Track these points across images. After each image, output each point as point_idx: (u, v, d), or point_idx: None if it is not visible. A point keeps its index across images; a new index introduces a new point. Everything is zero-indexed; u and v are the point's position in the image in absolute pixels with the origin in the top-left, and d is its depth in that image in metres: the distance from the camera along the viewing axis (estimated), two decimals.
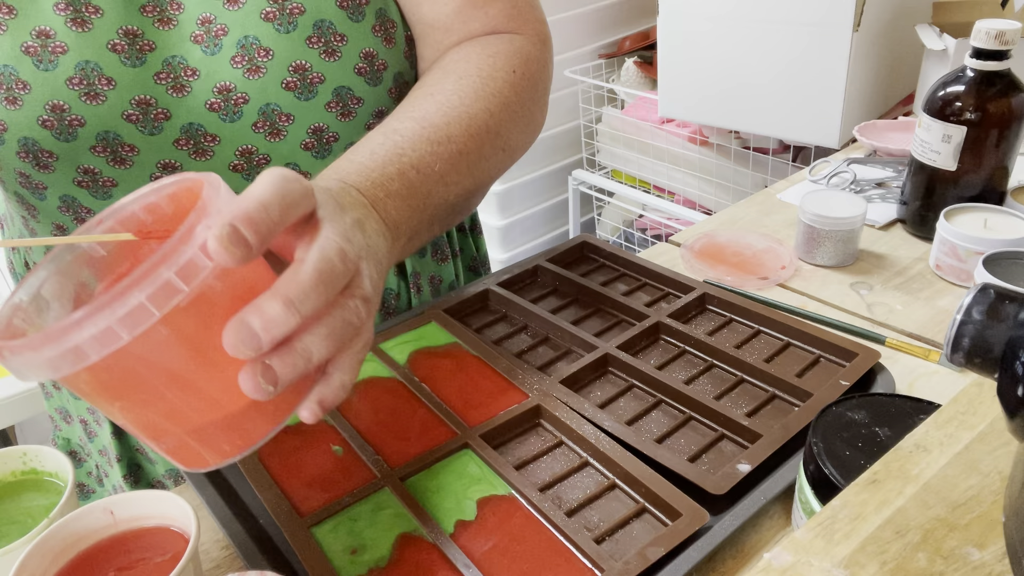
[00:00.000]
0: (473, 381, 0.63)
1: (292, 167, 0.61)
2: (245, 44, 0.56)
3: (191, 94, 0.56)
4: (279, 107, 0.57)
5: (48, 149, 0.55)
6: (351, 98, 0.60)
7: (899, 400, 0.50)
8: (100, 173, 0.57)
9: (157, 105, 0.55)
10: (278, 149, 0.59)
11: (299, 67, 0.57)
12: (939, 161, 0.79)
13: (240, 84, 0.56)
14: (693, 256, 0.83)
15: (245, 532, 0.51)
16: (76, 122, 0.54)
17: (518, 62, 0.60)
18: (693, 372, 0.64)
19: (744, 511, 0.49)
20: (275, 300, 0.34)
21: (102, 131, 0.55)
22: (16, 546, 0.45)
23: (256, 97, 0.57)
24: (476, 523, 0.50)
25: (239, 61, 0.56)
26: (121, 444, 0.72)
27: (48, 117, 0.54)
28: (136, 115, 0.55)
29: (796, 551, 0.33)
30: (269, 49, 0.56)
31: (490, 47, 0.60)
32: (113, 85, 0.54)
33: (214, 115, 0.56)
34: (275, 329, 0.34)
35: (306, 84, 0.57)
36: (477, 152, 0.56)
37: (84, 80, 0.54)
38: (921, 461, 0.37)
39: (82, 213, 0.60)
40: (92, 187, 0.57)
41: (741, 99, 1.42)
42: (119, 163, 0.56)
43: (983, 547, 0.32)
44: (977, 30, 0.75)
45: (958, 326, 0.29)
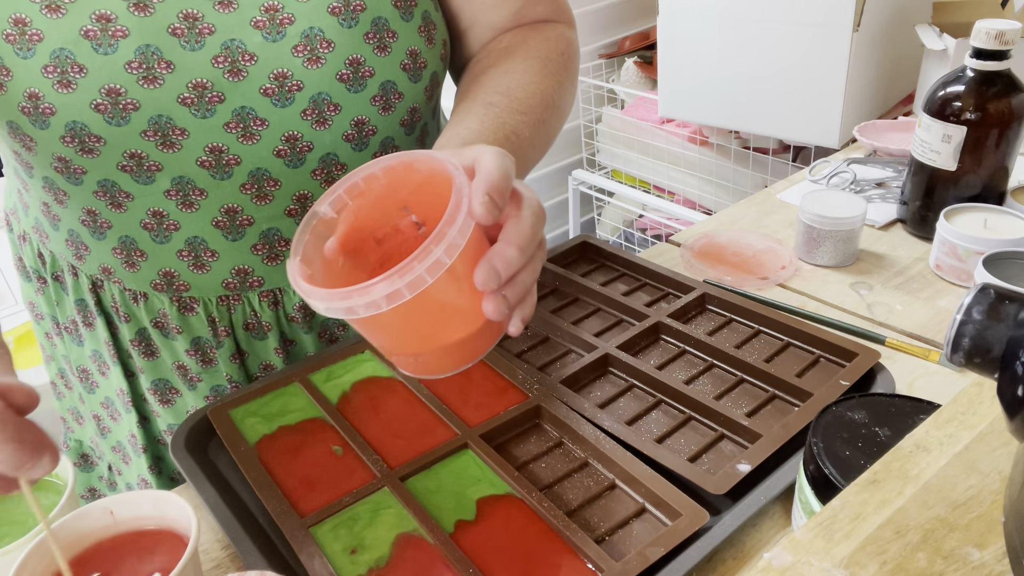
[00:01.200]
0: (473, 381, 0.63)
1: (332, 157, 0.62)
2: (309, 35, 0.57)
3: (247, 79, 0.57)
4: (329, 97, 0.59)
5: (97, 133, 0.55)
6: (394, 93, 0.62)
7: (899, 400, 0.50)
8: (147, 157, 0.57)
9: (212, 88, 0.56)
10: (321, 138, 0.60)
11: (354, 60, 0.59)
12: (939, 161, 0.79)
13: (297, 72, 0.57)
14: (693, 256, 0.83)
15: (245, 532, 0.51)
16: (130, 106, 0.54)
17: (564, 45, 0.69)
18: (693, 372, 0.64)
19: (744, 511, 0.49)
20: (511, 246, 0.43)
21: (155, 115, 0.55)
22: (16, 546, 0.45)
23: (310, 85, 0.58)
24: (476, 523, 0.50)
25: (300, 50, 0.57)
26: (146, 434, 0.72)
27: (102, 101, 0.54)
28: (191, 98, 0.56)
29: (796, 551, 0.33)
30: (331, 41, 0.58)
31: (542, 33, 0.69)
32: (172, 68, 0.55)
33: (266, 100, 0.57)
34: (512, 268, 0.43)
35: (358, 77, 0.59)
36: (547, 122, 0.64)
37: (143, 64, 0.54)
38: (921, 461, 0.37)
39: (120, 198, 0.60)
40: (136, 171, 0.58)
41: (741, 99, 1.42)
42: (168, 147, 0.57)
43: (983, 547, 0.32)
44: (977, 30, 0.75)
45: (958, 326, 0.29)
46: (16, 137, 0.56)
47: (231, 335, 0.67)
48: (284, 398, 0.63)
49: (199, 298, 0.65)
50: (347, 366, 0.66)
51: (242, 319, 0.67)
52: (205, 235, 0.62)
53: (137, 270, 0.64)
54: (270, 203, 0.62)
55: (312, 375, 0.65)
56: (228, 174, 0.59)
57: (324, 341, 0.71)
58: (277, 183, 0.61)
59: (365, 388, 0.63)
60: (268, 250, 0.64)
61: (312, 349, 0.70)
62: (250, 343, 0.68)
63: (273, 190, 0.61)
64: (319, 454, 0.57)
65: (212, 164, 0.58)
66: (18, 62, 0.53)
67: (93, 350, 0.71)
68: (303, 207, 0.63)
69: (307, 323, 0.69)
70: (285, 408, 0.62)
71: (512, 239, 0.43)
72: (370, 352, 0.67)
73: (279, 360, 0.69)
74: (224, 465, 0.59)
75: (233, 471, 0.58)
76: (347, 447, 0.57)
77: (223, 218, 0.61)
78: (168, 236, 0.62)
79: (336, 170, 0.63)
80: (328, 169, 0.62)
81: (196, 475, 0.56)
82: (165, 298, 0.65)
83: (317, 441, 0.58)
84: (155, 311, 0.66)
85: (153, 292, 0.65)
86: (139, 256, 0.63)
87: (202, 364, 0.68)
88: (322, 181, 0.62)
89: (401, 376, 0.64)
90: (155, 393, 0.70)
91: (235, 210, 0.61)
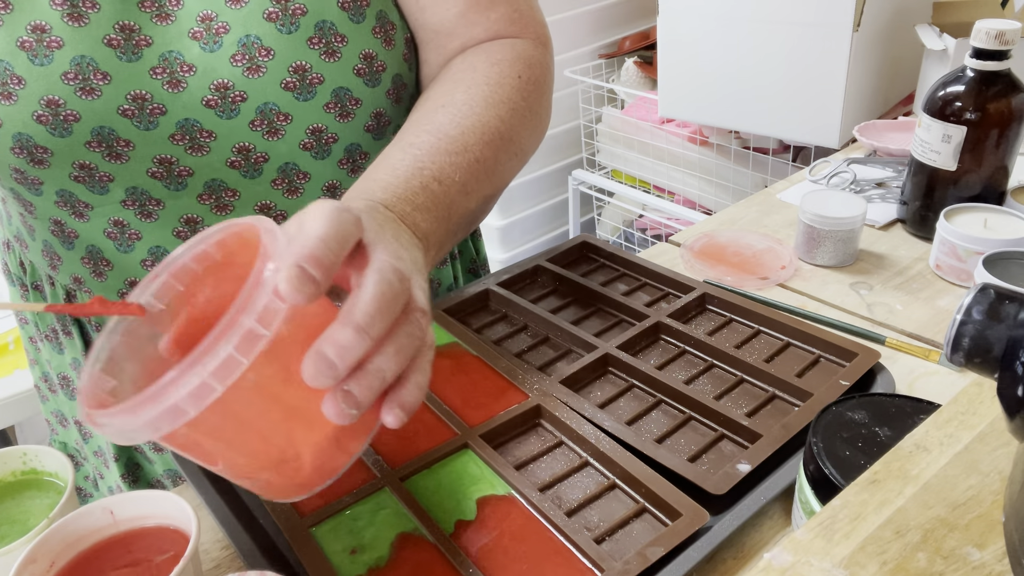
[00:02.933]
0: (473, 381, 0.63)
1: (291, 167, 0.61)
2: (246, 43, 0.56)
3: (187, 90, 0.56)
4: (277, 107, 0.57)
5: (43, 144, 0.54)
6: (349, 99, 0.60)
7: (899, 400, 0.50)
8: (96, 168, 0.56)
9: (152, 100, 0.55)
10: (276, 148, 0.59)
11: (299, 67, 0.57)
12: (939, 161, 0.79)
13: (239, 82, 0.56)
14: (693, 256, 0.83)
15: (245, 532, 0.51)
16: (71, 117, 0.54)
17: (522, 67, 0.61)
18: (693, 372, 0.64)
19: (744, 511, 0.49)
20: (346, 328, 0.35)
21: (97, 126, 0.55)
22: (16, 546, 0.45)
23: (254, 96, 0.57)
24: (476, 523, 0.50)
25: (239, 59, 0.56)
26: (116, 445, 0.72)
27: (43, 112, 0.53)
28: (131, 110, 0.55)
29: (796, 551, 0.33)
30: (270, 49, 0.56)
31: (495, 54, 0.61)
32: (108, 80, 0.54)
33: (210, 112, 0.56)
34: (349, 356, 0.35)
35: (305, 84, 0.57)
36: (493, 159, 0.57)
37: (79, 75, 0.53)
38: (921, 461, 0.37)
39: (80, 207, 0.59)
40: (89, 182, 0.57)
41: (741, 99, 1.42)
42: (115, 158, 0.56)
43: (983, 547, 0.32)
44: (977, 30, 0.75)
45: (958, 326, 0.29)
46: None
47: None
48: None
49: None
50: None
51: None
52: (167, 245, 0.61)
53: (105, 279, 0.64)
54: (231, 213, 0.61)
55: None
56: (182, 185, 0.58)
57: None
58: (235, 193, 0.60)
59: None
60: None
61: None
62: None
63: (232, 200, 0.60)
64: None
65: (163, 175, 0.58)
66: None
67: (72, 358, 0.71)
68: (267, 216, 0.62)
69: None
70: None
71: (348, 318, 0.36)
72: None
73: None
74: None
75: None
76: None
77: (184, 228, 0.61)
78: (131, 245, 0.61)
79: (298, 179, 0.61)
80: (289, 179, 0.61)
81: (196, 475, 0.56)
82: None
83: None
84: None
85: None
86: (105, 265, 0.63)
87: None
88: (283, 191, 0.61)
89: None
90: None
91: (195, 220, 0.60)
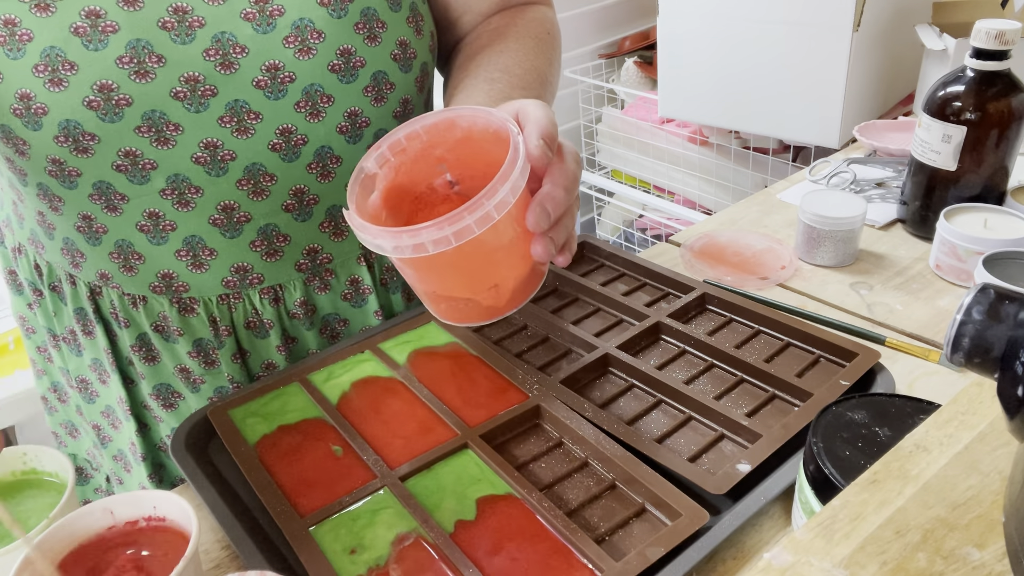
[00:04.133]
0: (473, 381, 0.63)
1: (326, 150, 0.62)
2: (300, 25, 0.57)
3: (239, 71, 0.57)
4: (322, 88, 0.59)
5: (91, 131, 0.55)
6: (385, 83, 0.63)
7: (899, 400, 0.50)
8: (141, 155, 0.57)
9: (205, 82, 0.56)
10: (316, 131, 0.60)
11: (345, 51, 0.59)
12: (939, 161, 0.79)
13: (289, 63, 0.58)
14: (693, 256, 0.83)
15: (245, 532, 0.50)
16: (123, 101, 0.54)
17: (549, 25, 0.73)
18: (693, 372, 0.64)
19: (744, 511, 0.49)
20: (558, 187, 0.47)
21: (148, 110, 0.55)
22: (16, 546, 0.45)
23: (303, 77, 0.58)
24: (476, 523, 0.50)
25: (291, 41, 0.57)
26: (145, 442, 0.71)
27: (95, 97, 0.54)
28: (184, 92, 0.56)
29: (796, 551, 0.33)
30: (322, 32, 0.58)
31: (527, 14, 0.73)
32: (163, 62, 0.55)
33: (259, 92, 0.57)
34: (560, 208, 0.47)
35: (349, 67, 0.60)
36: (543, 98, 0.66)
37: (134, 58, 0.54)
38: (921, 461, 0.37)
39: (115, 200, 0.59)
40: (131, 171, 0.57)
41: (741, 99, 1.42)
42: (162, 143, 0.57)
43: (983, 547, 0.32)
44: (977, 30, 0.75)
45: (958, 326, 0.29)
46: (9, 142, 0.56)
47: (232, 334, 0.67)
48: (284, 398, 0.63)
49: (199, 298, 0.65)
50: (347, 366, 0.66)
51: (243, 318, 0.67)
52: (203, 234, 0.62)
53: (135, 274, 0.63)
54: (267, 199, 0.61)
55: (312, 375, 0.65)
56: (224, 170, 0.59)
57: (326, 337, 0.71)
58: (273, 178, 0.61)
59: (365, 388, 0.63)
60: (267, 246, 0.64)
61: (314, 346, 0.70)
62: (252, 342, 0.68)
63: (269, 185, 0.61)
64: (319, 454, 0.57)
65: (207, 160, 0.58)
66: (8, 63, 0.52)
67: (93, 359, 0.70)
68: (300, 202, 0.63)
69: (309, 319, 0.69)
70: (285, 408, 0.62)
71: (559, 181, 0.47)
72: (370, 352, 0.67)
73: (281, 358, 0.69)
74: (224, 465, 0.59)
75: (233, 471, 0.58)
76: (347, 447, 0.57)
77: (220, 215, 0.61)
78: (165, 237, 0.61)
79: (331, 163, 0.63)
80: (323, 162, 0.62)
81: (196, 475, 0.56)
82: (165, 300, 0.65)
83: (317, 441, 0.58)
84: (155, 314, 0.66)
85: (152, 295, 0.65)
86: (136, 259, 0.63)
87: (205, 366, 0.68)
88: (318, 175, 0.62)
89: (401, 376, 0.64)
90: (157, 398, 0.69)
91: (232, 207, 0.61)
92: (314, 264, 0.67)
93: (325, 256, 0.67)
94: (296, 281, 0.67)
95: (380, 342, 0.68)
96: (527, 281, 0.50)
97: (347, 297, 0.70)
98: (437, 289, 0.50)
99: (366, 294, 0.71)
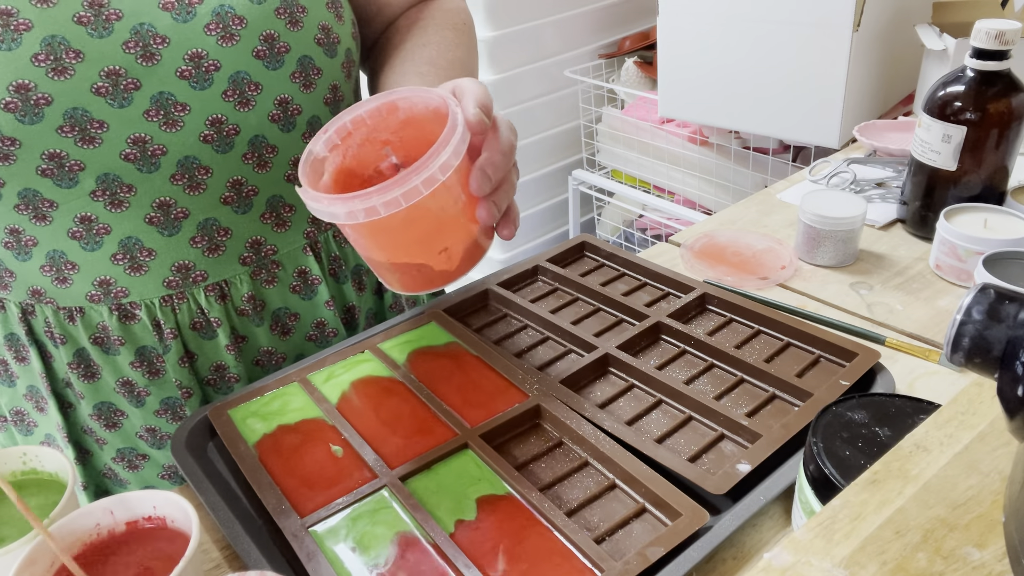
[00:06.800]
0: (473, 381, 0.63)
1: (260, 140, 0.61)
2: (220, 12, 0.57)
3: (161, 62, 0.55)
4: (248, 75, 0.59)
5: (10, 135, 0.53)
6: (312, 68, 0.63)
7: (899, 400, 0.50)
8: (67, 156, 0.55)
9: (127, 75, 0.55)
10: (247, 120, 0.60)
11: (269, 36, 0.59)
12: (939, 161, 0.79)
13: (212, 51, 0.57)
14: (693, 256, 0.83)
15: (245, 532, 0.51)
16: (43, 100, 0.53)
17: (465, 16, 0.77)
18: (693, 372, 0.64)
19: (744, 511, 0.49)
20: (496, 152, 0.51)
21: (70, 108, 0.53)
22: (16, 546, 0.45)
23: (227, 64, 0.58)
24: (476, 523, 0.50)
25: (213, 29, 0.57)
26: (87, 471, 0.69)
27: (11, 99, 0.52)
28: (106, 87, 0.54)
29: (796, 551, 0.33)
30: (243, 18, 0.58)
31: (443, 4, 0.76)
32: (81, 58, 0.53)
33: (184, 82, 0.56)
34: (499, 172, 0.51)
35: (274, 53, 0.60)
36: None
37: (51, 55, 0.52)
38: (921, 461, 0.37)
39: (43, 208, 0.57)
40: (57, 174, 0.55)
41: (741, 99, 1.42)
42: (87, 142, 0.55)
43: (983, 547, 0.32)
44: (977, 30, 0.75)
45: (958, 326, 0.29)
46: None
47: (178, 337, 0.64)
48: (284, 398, 0.63)
49: (140, 302, 0.62)
50: (347, 366, 0.66)
51: (188, 319, 0.64)
52: (139, 234, 0.60)
53: (70, 285, 0.61)
54: (203, 192, 0.60)
55: (312, 375, 0.65)
56: (155, 166, 0.57)
57: (276, 334, 0.69)
58: (208, 171, 0.59)
59: (365, 388, 0.63)
60: (208, 242, 0.62)
61: (265, 343, 0.69)
62: (199, 343, 0.66)
63: (205, 178, 0.60)
64: (319, 454, 0.57)
65: (137, 156, 0.56)
66: None
67: (28, 386, 0.68)
68: (238, 194, 0.62)
69: (258, 315, 0.67)
70: (285, 408, 0.62)
71: (496, 148, 0.51)
72: (370, 352, 0.67)
73: (231, 358, 0.67)
74: (224, 465, 0.59)
75: (233, 471, 0.58)
76: (347, 447, 0.57)
77: (156, 213, 0.59)
78: (99, 242, 0.59)
79: (267, 153, 0.62)
80: (259, 152, 0.61)
81: (196, 475, 0.56)
82: (103, 309, 0.62)
83: (317, 441, 0.58)
84: (93, 326, 0.63)
85: (90, 305, 0.62)
86: (70, 269, 0.60)
87: (149, 376, 0.65)
88: (254, 166, 0.61)
89: (401, 376, 0.64)
90: (99, 419, 0.67)
91: (168, 203, 0.59)
92: (259, 257, 0.66)
93: (269, 248, 0.66)
94: (242, 275, 0.65)
95: (380, 342, 0.68)
96: (475, 246, 0.54)
97: (296, 289, 0.69)
98: (391, 257, 0.52)
99: (315, 285, 0.69)
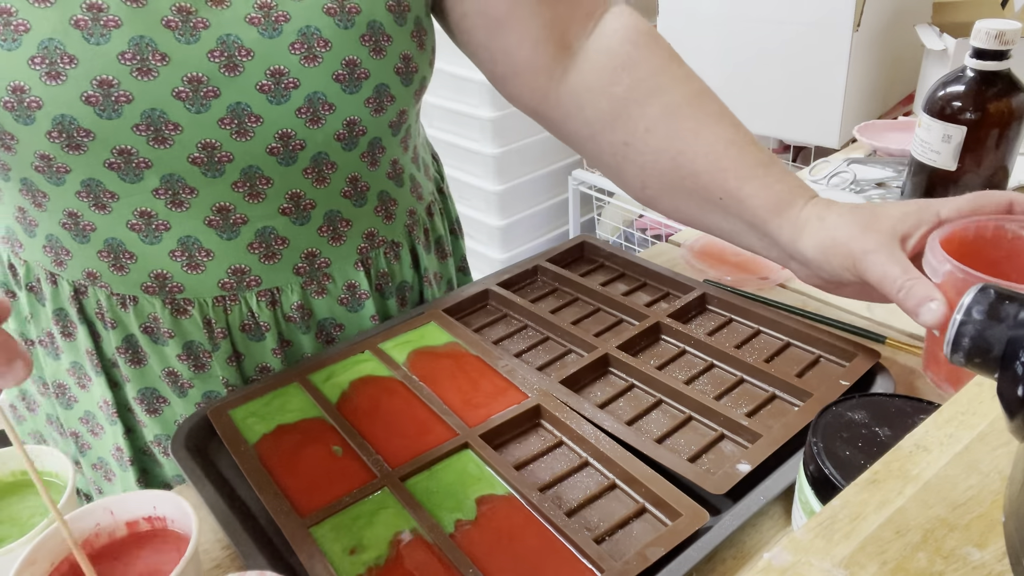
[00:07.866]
0: (473, 381, 0.63)
1: (322, 156, 0.62)
2: (307, 33, 0.57)
3: (243, 74, 0.56)
4: (324, 96, 0.59)
5: (86, 127, 0.54)
6: (387, 95, 0.63)
7: (899, 400, 0.50)
8: (136, 154, 0.56)
9: (208, 83, 0.55)
10: (314, 137, 0.60)
11: (351, 62, 0.59)
12: (939, 161, 0.79)
13: (294, 69, 0.57)
14: (693, 256, 0.83)
15: (245, 532, 0.51)
16: (123, 98, 0.54)
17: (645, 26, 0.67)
18: (693, 372, 0.64)
19: (744, 511, 0.49)
20: None
21: (148, 108, 0.54)
22: (16, 546, 0.45)
23: (306, 84, 0.58)
24: (476, 523, 0.50)
25: (298, 48, 0.57)
26: (132, 446, 0.70)
27: (93, 92, 0.53)
28: (186, 92, 0.55)
29: (796, 551, 0.33)
30: (328, 41, 0.58)
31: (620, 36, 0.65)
32: (167, 61, 0.54)
33: (263, 96, 0.57)
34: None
35: (353, 78, 0.60)
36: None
37: (138, 55, 0.53)
38: (921, 461, 0.37)
39: (104, 198, 0.58)
40: (123, 169, 0.57)
41: (741, 99, 1.42)
42: (159, 143, 0.56)
43: (983, 547, 0.32)
44: (977, 30, 0.75)
45: (958, 326, 0.29)
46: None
47: (228, 337, 0.66)
48: (284, 398, 0.63)
49: (194, 299, 0.64)
50: (347, 366, 0.66)
51: (239, 320, 0.66)
52: (198, 234, 0.61)
53: (126, 273, 0.62)
54: (263, 201, 0.61)
55: (312, 375, 0.65)
56: (220, 172, 0.58)
57: (322, 342, 0.71)
58: (269, 181, 0.60)
59: (365, 388, 0.63)
60: (265, 249, 0.64)
61: (310, 349, 0.70)
62: (247, 345, 0.67)
63: (266, 188, 0.61)
64: (319, 454, 0.57)
65: (204, 161, 0.57)
66: (1, 54, 0.51)
67: (72, 362, 0.69)
68: (296, 206, 0.63)
69: (305, 323, 0.69)
70: (285, 408, 0.62)
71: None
72: (370, 352, 0.67)
73: (276, 361, 0.69)
74: (224, 465, 0.59)
75: (233, 471, 0.58)
76: (347, 447, 0.57)
77: (215, 217, 0.61)
78: (158, 236, 0.61)
79: (327, 169, 0.62)
80: (319, 168, 0.62)
81: (196, 475, 0.56)
82: (157, 301, 0.64)
83: (317, 441, 0.58)
84: (145, 315, 0.64)
85: (144, 295, 0.64)
86: (128, 258, 0.62)
87: (194, 369, 0.67)
88: (313, 180, 0.62)
89: (401, 376, 0.64)
90: (141, 402, 0.68)
91: (227, 208, 0.60)
92: (312, 268, 0.67)
93: (323, 260, 0.67)
94: (294, 284, 0.67)
95: (380, 342, 0.68)
96: None
97: (343, 302, 0.70)
98: None
99: (363, 299, 0.70)
